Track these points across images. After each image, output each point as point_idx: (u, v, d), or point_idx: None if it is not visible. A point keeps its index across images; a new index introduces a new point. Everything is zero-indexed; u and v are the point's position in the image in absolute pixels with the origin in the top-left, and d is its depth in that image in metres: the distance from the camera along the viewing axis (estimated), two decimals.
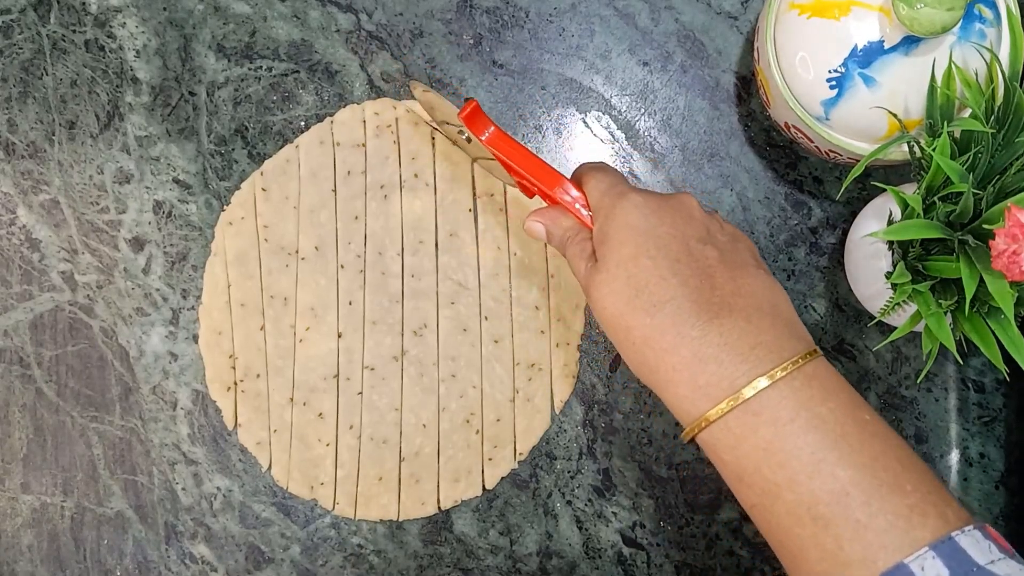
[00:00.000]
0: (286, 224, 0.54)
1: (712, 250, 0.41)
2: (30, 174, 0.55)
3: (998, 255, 0.38)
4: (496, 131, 0.46)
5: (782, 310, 0.41)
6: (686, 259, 0.40)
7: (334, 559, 0.54)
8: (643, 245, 0.41)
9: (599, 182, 0.44)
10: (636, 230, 0.41)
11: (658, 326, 0.39)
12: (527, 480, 0.54)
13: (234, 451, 0.54)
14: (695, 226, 0.42)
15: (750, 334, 0.39)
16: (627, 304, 0.40)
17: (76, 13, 0.56)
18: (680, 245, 0.41)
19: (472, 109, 0.46)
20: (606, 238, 0.42)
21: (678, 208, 0.42)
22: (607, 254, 0.41)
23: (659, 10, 0.56)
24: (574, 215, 0.45)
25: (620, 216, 0.42)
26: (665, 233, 0.41)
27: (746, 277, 0.41)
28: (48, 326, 0.55)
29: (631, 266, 0.40)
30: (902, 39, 0.44)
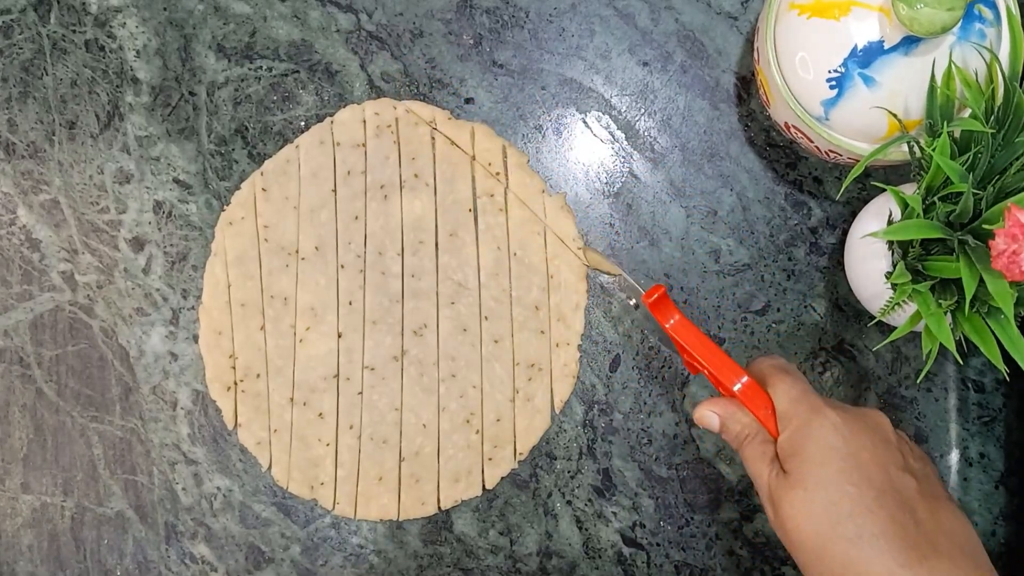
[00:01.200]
0: (286, 224, 0.54)
1: (911, 480, 0.41)
2: (30, 174, 0.55)
3: (998, 255, 0.38)
4: (681, 320, 0.46)
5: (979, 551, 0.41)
6: (890, 491, 0.40)
7: (334, 559, 0.54)
8: (844, 470, 0.40)
9: (789, 388, 0.43)
10: (836, 452, 0.41)
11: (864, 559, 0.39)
12: (527, 480, 0.54)
13: (234, 451, 0.54)
14: (892, 452, 0.42)
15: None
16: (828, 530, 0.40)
17: (76, 13, 0.56)
18: (881, 474, 0.41)
19: (659, 296, 0.46)
20: (800, 452, 0.41)
21: (875, 431, 0.42)
22: (803, 470, 0.41)
23: (659, 10, 0.56)
24: (754, 415, 0.44)
25: (818, 433, 0.41)
26: (867, 459, 0.41)
27: (944, 512, 0.41)
28: (48, 326, 0.55)
29: (833, 491, 0.40)
30: (902, 39, 0.44)
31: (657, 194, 0.55)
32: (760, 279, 0.55)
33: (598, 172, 0.56)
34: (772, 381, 0.44)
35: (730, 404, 0.45)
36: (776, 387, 0.44)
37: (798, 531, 0.41)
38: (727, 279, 0.55)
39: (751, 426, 0.44)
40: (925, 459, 0.44)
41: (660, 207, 0.55)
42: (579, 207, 0.55)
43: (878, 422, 0.43)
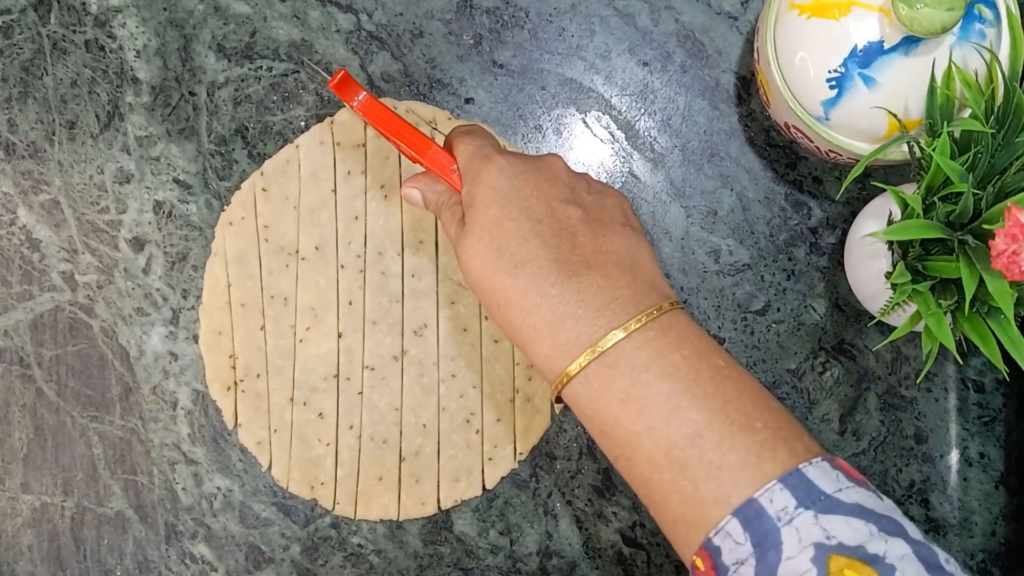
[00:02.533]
0: (286, 224, 0.54)
1: (576, 210, 0.42)
2: (30, 174, 0.55)
3: (998, 255, 0.38)
4: (367, 97, 0.46)
5: (642, 265, 0.42)
6: (548, 219, 0.41)
7: (334, 559, 0.54)
8: (506, 207, 0.41)
9: (467, 145, 0.44)
10: (500, 192, 0.42)
11: (519, 287, 0.40)
12: (527, 480, 0.54)
13: (234, 451, 0.54)
14: (559, 187, 0.43)
15: (607, 289, 0.40)
16: (491, 266, 0.41)
17: (76, 13, 0.56)
18: (543, 206, 0.42)
19: (342, 77, 0.46)
20: (473, 201, 0.43)
21: (543, 169, 0.43)
22: (473, 217, 0.42)
23: (659, 10, 0.56)
24: (445, 180, 0.45)
25: (485, 179, 0.42)
26: (529, 195, 0.42)
27: (609, 235, 0.42)
28: (48, 326, 0.55)
29: (494, 228, 0.41)
30: (902, 39, 0.44)
31: (657, 194, 0.55)
32: (760, 279, 0.55)
33: (598, 172, 0.56)
34: (455, 143, 0.45)
35: (427, 176, 0.46)
36: (457, 147, 0.45)
37: (471, 274, 0.42)
38: (727, 279, 0.55)
39: (444, 193, 0.46)
40: (604, 192, 0.44)
41: (660, 207, 0.55)
42: None
43: (549, 163, 0.44)
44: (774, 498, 0.35)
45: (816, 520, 0.34)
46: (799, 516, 0.34)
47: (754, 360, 0.55)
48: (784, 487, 0.35)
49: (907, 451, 0.55)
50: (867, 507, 0.35)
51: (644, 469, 0.38)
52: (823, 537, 0.34)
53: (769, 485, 0.35)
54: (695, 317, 0.55)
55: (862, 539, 0.33)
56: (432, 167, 0.45)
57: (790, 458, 0.36)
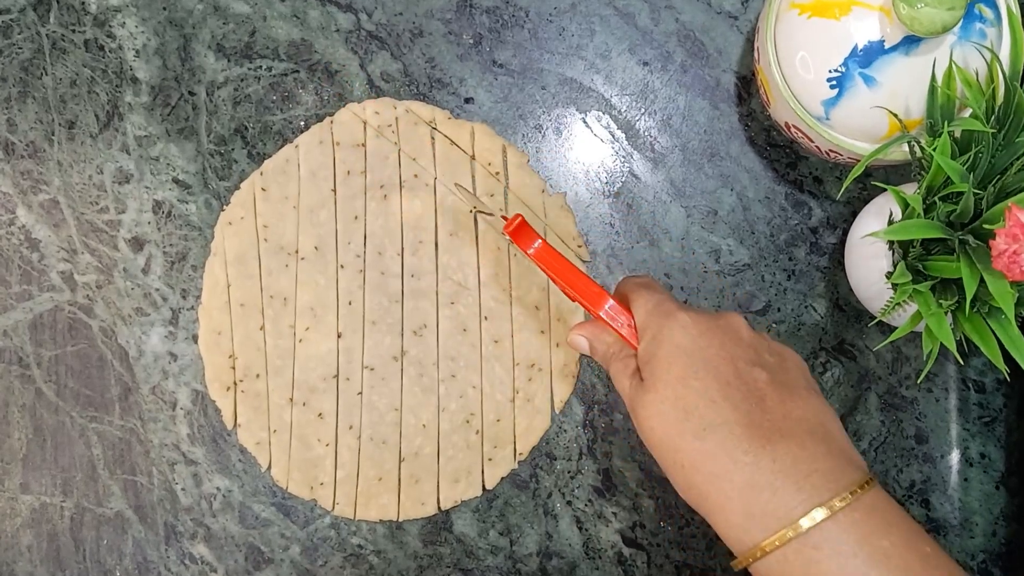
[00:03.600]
0: (286, 224, 0.54)
1: (761, 372, 0.41)
2: (29, 174, 0.55)
3: (998, 255, 0.38)
4: (543, 245, 0.46)
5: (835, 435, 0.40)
6: (736, 382, 0.40)
7: (334, 559, 0.54)
8: (691, 366, 0.40)
9: (646, 300, 0.43)
10: (684, 351, 0.41)
11: (708, 451, 0.39)
12: (527, 480, 0.54)
13: (234, 451, 0.54)
14: (744, 347, 0.41)
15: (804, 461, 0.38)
16: (676, 426, 0.40)
17: (75, 13, 0.56)
18: (729, 367, 0.40)
19: (518, 224, 0.46)
20: (652, 358, 0.41)
21: (726, 329, 0.42)
22: (654, 374, 0.41)
23: (659, 10, 0.56)
24: (617, 332, 0.44)
25: (667, 336, 0.41)
26: (714, 355, 0.40)
27: (797, 400, 0.40)
28: (47, 326, 0.55)
29: (679, 387, 0.40)
30: (902, 39, 0.44)
31: (657, 194, 0.55)
32: (760, 279, 0.55)
33: (598, 172, 0.56)
34: (632, 297, 0.45)
35: (596, 326, 0.46)
36: (635, 302, 0.44)
37: (652, 433, 0.41)
38: (727, 279, 0.55)
39: (615, 344, 0.45)
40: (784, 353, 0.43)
41: (660, 207, 0.55)
42: (579, 207, 0.55)
43: (731, 322, 0.43)
44: None
45: None
46: None
47: None
48: None
49: (908, 451, 0.55)
50: None
51: None
52: None
53: None
54: None
55: None
56: (607, 321, 0.45)
57: None
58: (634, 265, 0.55)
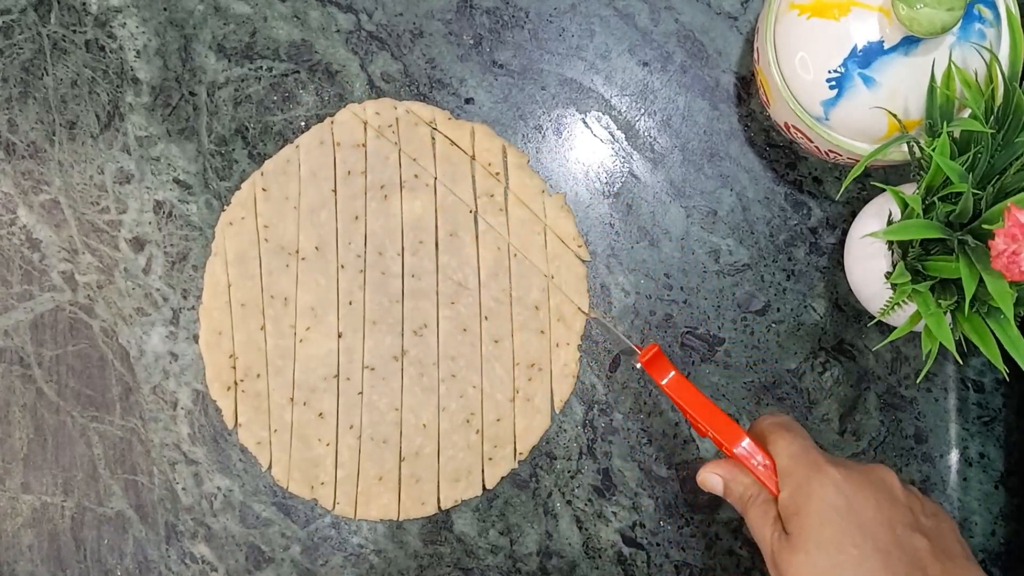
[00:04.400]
0: (286, 224, 0.54)
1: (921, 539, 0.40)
2: (31, 174, 0.55)
3: (997, 255, 0.38)
4: (676, 376, 0.45)
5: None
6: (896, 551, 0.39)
7: (334, 559, 0.54)
8: (847, 530, 0.39)
9: (789, 445, 0.42)
10: (838, 511, 0.39)
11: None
12: (527, 480, 0.54)
13: (234, 451, 0.54)
14: (900, 510, 0.40)
15: None
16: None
17: (76, 13, 0.56)
18: (888, 534, 0.39)
19: (654, 354, 0.46)
20: (800, 512, 0.40)
21: (880, 488, 0.41)
22: (804, 532, 0.40)
23: (659, 10, 0.56)
24: (755, 475, 0.43)
25: (818, 492, 0.40)
26: (871, 519, 0.39)
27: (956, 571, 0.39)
28: (48, 326, 0.55)
29: (834, 552, 0.38)
30: (902, 39, 0.44)
31: (657, 194, 0.55)
32: (760, 279, 0.55)
33: (598, 172, 0.56)
34: (772, 439, 0.43)
35: (732, 466, 0.44)
36: (776, 444, 0.43)
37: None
38: (727, 279, 0.55)
39: (752, 487, 0.43)
40: (939, 515, 0.42)
41: (660, 207, 0.55)
42: (579, 207, 0.56)
43: (883, 478, 0.41)
44: None
45: None
46: None
47: (754, 360, 0.55)
48: None
49: (907, 451, 0.55)
50: None
51: None
52: None
53: None
54: (695, 317, 0.55)
55: None
56: (742, 461, 0.44)
57: None
58: (634, 265, 0.55)
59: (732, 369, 0.55)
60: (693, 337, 0.55)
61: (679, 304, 0.55)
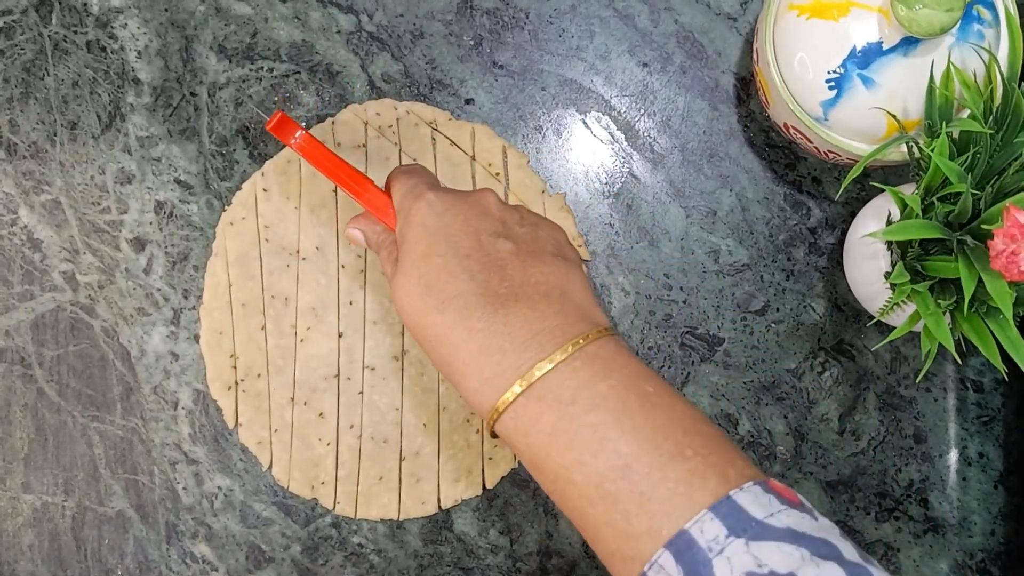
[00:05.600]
0: (287, 224, 0.54)
1: (505, 243, 0.42)
2: (32, 174, 0.55)
3: (997, 255, 0.38)
4: (305, 136, 0.46)
5: (573, 294, 0.41)
6: (476, 254, 0.41)
7: (335, 558, 0.54)
8: (434, 243, 0.41)
9: (402, 184, 0.45)
10: (428, 229, 0.42)
11: (447, 322, 0.40)
12: (527, 479, 0.55)
13: (235, 450, 0.54)
14: (489, 220, 0.43)
15: (534, 320, 0.39)
16: (420, 303, 0.41)
17: (78, 14, 0.56)
18: (471, 240, 0.41)
19: (279, 119, 0.46)
20: (403, 239, 0.43)
21: (473, 204, 0.43)
22: (403, 255, 0.42)
23: (659, 11, 0.56)
24: (383, 220, 0.45)
25: (415, 216, 0.42)
26: (457, 230, 0.42)
27: (539, 265, 0.41)
28: (49, 326, 0.55)
29: (422, 265, 0.41)
30: (901, 40, 0.44)
31: (657, 194, 0.56)
32: (759, 279, 0.55)
33: (598, 172, 0.56)
34: (392, 183, 0.45)
35: (367, 217, 0.47)
36: (393, 187, 0.45)
37: (403, 312, 0.42)
38: (727, 279, 0.55)
39: (383, 232, 0.46)
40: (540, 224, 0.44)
41: (660, 207, 0.55)
42: (579, 207, 0.56)
43: (480, 198, 0.43)
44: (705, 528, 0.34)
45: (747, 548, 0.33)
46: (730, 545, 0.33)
47: (753, 360, 0.55)
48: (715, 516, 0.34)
49: (906, 451, 0.55)
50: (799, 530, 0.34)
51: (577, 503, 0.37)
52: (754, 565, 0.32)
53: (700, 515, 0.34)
54: (695, 317, 0.55)
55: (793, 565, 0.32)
56: (370, 207, 0.46)
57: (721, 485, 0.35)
58: (634, 265, 0.55)
59: (732, 369, 0.55)
60: (693, 337, 0.55)
61: (679, 304, 0.55)
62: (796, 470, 0.55)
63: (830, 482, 0.54)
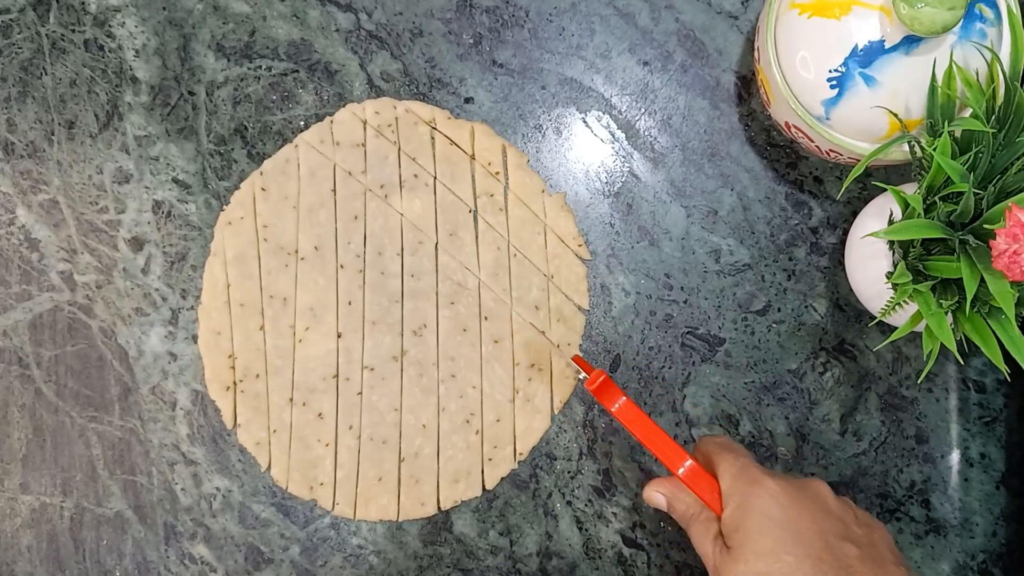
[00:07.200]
0: (285, 224, 0.54)
1: (852, 548, 0.41)
2: (29, 174, 0.55)
3: (999, 255, 0.38)
4: (626, 403, 0.46)
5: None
6: (828, 557, 0.41)
7: (333, 559, 0.54)
8: (783, 540, 0.41)
9: (730, 465, 0.44)
10: (774, 522, 0.41)
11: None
12: (527, 480, 0.54)
13: (233, 451, 0.54)
14: (833, 520, 0.42)
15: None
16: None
17: (75, 13, 0.56)
18: (820, 542, 0.41)
19: (602, 382, 0.46)
20: (740, 526, 0.42)
21: (815, 500, 0.43)
22: (744, 544, 0.41)
23: (659, 9, 0.56)
24: (699, 496, 0.45)
25: (756, 505, 0.42)
26: (806, 528, 0.41)
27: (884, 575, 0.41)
28: (47, 326, 0.55)
29: (771, 561, 0.40)
30: (903, 38, 0.44)
31: (657, 194, 0.55)
32: (760, 279, 0.55)
33: (598, 172, 0.56)
34: (716, 460, 0.45)
35: (675, 484, 0.46)
36: (719, 465, 0.45)
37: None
38: (727, 279, 0.55)
39: (694, 505, 0.45)
40: (872, 525, 0.44)
41: (660, 207, 0.55)
42: (579, 207, 0.55)
43: (818, 491, 0.43)
44: None
45: None
46: None
47: (755, 360, 0.55)
48: None
49: (908, 451, 0.55)
50: None
51: None
52: None
53: None
54: (695, 317, 0.55)
55: None
56: (687, 482, 0.45)
57: None
58: (635, 265, 0.55)
59: (733, 369, 0.55)
60: (693, 337, 0.55)
61: (679, 304, 0.55)
62: (797, 471, 0.54)
63: (832, 483, 0.54)
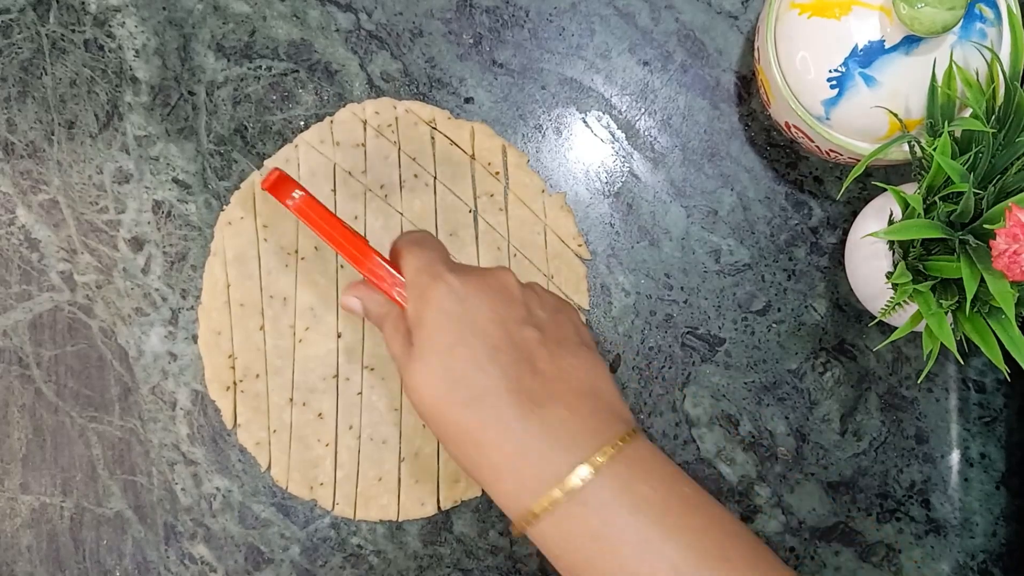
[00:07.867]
0: (285, 224, 0.54)
1: (532, 331, 0.40)
2: (29, 174, 0.55)
3: (999, 255, 0.38)
4: (304, 197, 0.43)
5: (603, 391, 0.40)
6: (505, 345, 0.39)
7: (334, 559, 0.54)
8: (460, 334, 0.39)
9: (415, 259, 0.42)
10: (451, 316, 0.40)
11: (477, 420, 0.38)
12: None
13: (233, 451, 0.54)
14: (515, 307, 0.41)
15: (571, 421, 0.38)
16: (445, 396, 0.39)
17: (75, 12, 0.56)
18: (500, 331, 0.40)
19: (277, 177, 0.43)
20: (420, 322, 0.40)
21: (496, 289, 0.41)
22: (422, 340, 0.40)
23: (659, 9, 0.56)
24: (386, 293, 0.43)
25: (435, 300, 0.40)
26: (483, 319, 0.40)
27: (567, 357, 0.40)
28: (47, 326, 0.55)
29: (447, 356, 0.39)
30: (903, 39, 0.44)
31: (657, 194, 0.55)
32: (761, 279, 0.55)
33: (598, 172, 0.56)
34: (403, 255, 0.43)
35: (367, 286, 0.44)
36: (405, 260, 0.43)
37: (422, 403, 0.40)
38: (727, 279, 0.55)
39: (385, 305, 0.43)
40: (558, 306, 0.43)
41: (660, 207, 0.55)
42: (579, 207, 0.55)
43: (501, 279, 0.42)
44: None
45: None
46: None
47: (754, 360, 0.55)
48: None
49: (908, 451, 0.55)
50: None
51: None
52: None
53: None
54: (695, 317, 0.55)
55: None
56: (372, 277, 0.43)
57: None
58: (635, 265, 0.55)
59: (733, 369, 0.55)
60: (693, 337, 0.55)
61: (679, 304, 0.55)
62: (797, 471, 0.54)
63: (831, 483, 0.54)
